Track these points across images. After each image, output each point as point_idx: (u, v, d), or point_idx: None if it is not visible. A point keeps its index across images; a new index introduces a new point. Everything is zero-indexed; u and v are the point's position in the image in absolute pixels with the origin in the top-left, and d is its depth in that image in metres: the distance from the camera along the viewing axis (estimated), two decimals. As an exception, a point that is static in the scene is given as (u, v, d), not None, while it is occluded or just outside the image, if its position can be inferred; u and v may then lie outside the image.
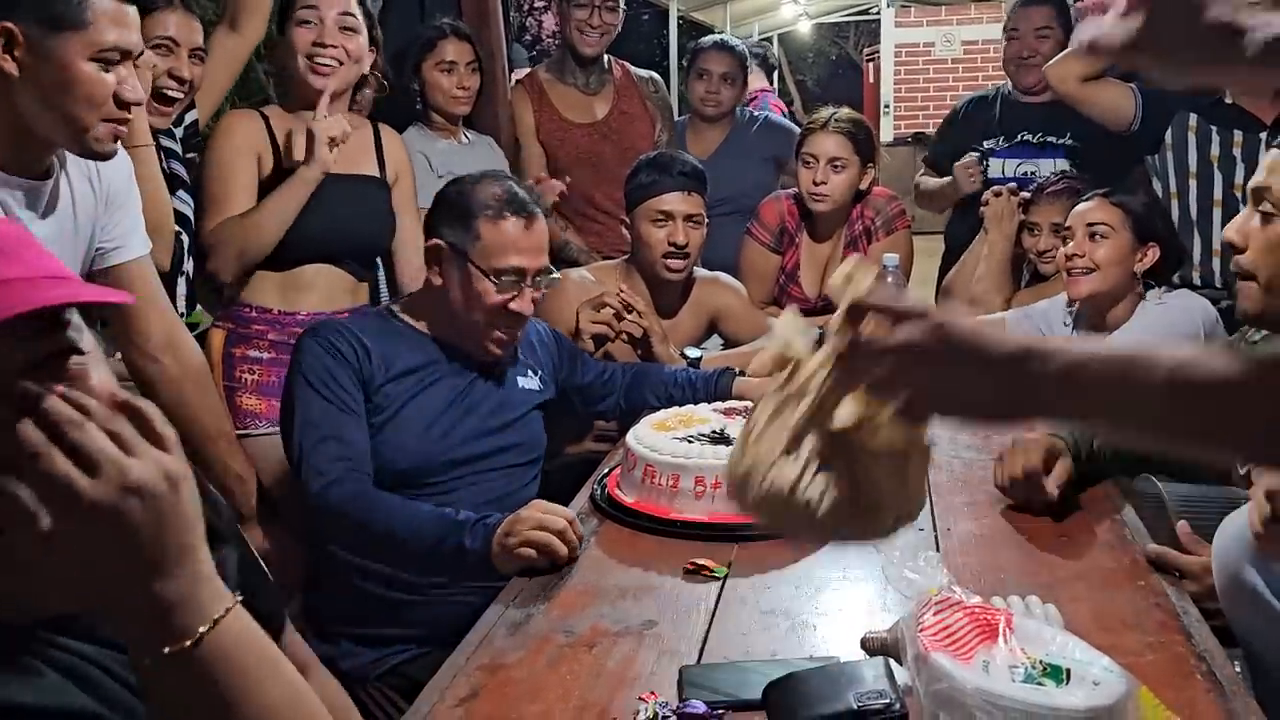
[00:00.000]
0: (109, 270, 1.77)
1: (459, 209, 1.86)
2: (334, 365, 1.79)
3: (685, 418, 1.88)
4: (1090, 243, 2.38)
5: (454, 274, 1.86)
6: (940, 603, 1.14)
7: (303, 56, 2.24)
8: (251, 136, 2.24)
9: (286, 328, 2.25)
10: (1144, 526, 1.66)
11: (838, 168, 2.85)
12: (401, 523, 1.66)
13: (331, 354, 1.79)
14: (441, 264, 1.87)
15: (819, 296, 3.00)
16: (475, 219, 1.83)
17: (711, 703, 1.16)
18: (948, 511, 1.73)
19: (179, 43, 2.03)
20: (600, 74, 3.26)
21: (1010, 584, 1.44)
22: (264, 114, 2.29)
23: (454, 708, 1.20)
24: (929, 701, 1.05)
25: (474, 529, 1.59)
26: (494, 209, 1.84)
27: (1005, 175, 3.20)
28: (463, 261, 1.84)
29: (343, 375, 1.79)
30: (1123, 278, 2.38)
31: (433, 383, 1.87)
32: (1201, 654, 1.25)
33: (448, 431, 1.87)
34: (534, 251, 1.87)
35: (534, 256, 1.87)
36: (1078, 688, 1.05)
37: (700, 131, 3.50)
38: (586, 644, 1.33)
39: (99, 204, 1.69)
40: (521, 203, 1.87)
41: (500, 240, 1.83)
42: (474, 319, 1.86)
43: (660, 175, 2.51)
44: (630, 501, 1.73)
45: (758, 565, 1.54)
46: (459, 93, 2.81)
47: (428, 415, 1.85)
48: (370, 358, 1.82)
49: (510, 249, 1.83)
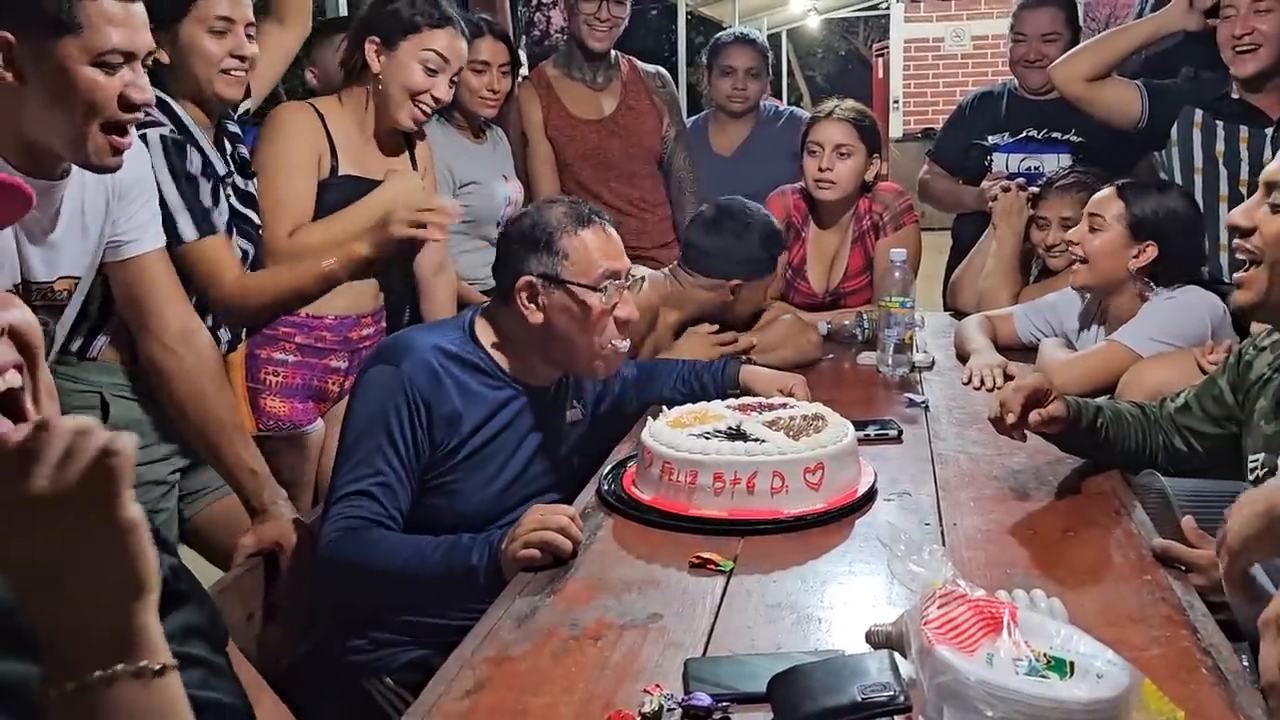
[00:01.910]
0: (124, 263, 1.78)
1: (534, 238, 1.84)
2: (398, 406, 1.74)
3: (701, 414, 1.88)
4: (1089, 233, 2.38)
5: (557, 303, 1.83)
6: (944, 596, 1.14)
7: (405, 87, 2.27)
8: (311, 135, 2.24)
9: (313, 331, 2.27)
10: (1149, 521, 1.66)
11: (843, 155, 2.85)
12: (406, 559, 1.65)
13: (403, 390, 1.75)
14: (536, 299, 1.83)
15: (825, 291, 3.00)
16: (556, 240, 1.83)
17: (716, 695, 1.16)
18: (953, 506, 1.73)
19: (234, 20, 2.01)
20: (607, 69, 3.26)
21: (1015, 578, 1.44)
22: (315, 107, 2.29)
23: (459, 700, 1.20)
24: (933, 694, 1.05)
25: (479, 546, 1.60)
26: (569, 224, 1.84)
27: (1009, 170, 3.19)
28: (559, 285, 1.83)
29: (407, 416, 1.75)
30: (1114, 273, 2.37)
31: (504, 427, 1.86)
32: (1207, 648, 1.25)
33: (515, 477, 1.87)
34: (618, 255, 1.89)
35: (620, 259, 1.88)
36: (1081, 681, 1.05)
37: (724, 126, 3.50)
38: (592, 637, 1.33)
39: (110, 198, 1.70)
40: (589, 213, 1.88)
41: (587, 251, 1.83)
42: (588, 340, 1.85)
43: None
44: (648, 499, 1.74)
45: (763, 559, 1.55)
46: (488, 95, 2.79)
47: (499, 461, 1.85)
48: (444, 397, 1.78)
49: (600, 256, 1.84)
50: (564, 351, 1.88)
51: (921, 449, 2.02)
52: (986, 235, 3.06)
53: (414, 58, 2.26)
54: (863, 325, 2.85)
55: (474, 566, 1.59)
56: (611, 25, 3.15)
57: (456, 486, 1.81)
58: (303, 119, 2.26)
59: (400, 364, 1.77)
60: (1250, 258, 1.61)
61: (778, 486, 1.67)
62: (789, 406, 1.92)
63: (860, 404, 2.29)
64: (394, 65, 2.26)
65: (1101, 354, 2.32)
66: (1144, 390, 2.09)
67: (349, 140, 2.29)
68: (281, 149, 2.22)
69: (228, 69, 2.01)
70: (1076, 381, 2.32)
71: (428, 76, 2.27)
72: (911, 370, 2.54)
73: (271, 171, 2.20)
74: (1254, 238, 1.57)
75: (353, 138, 2.30)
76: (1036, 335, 2.66)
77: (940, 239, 3.72)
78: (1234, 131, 2.62)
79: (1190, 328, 2.25)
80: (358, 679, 1.83)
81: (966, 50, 11.42)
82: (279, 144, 2.22)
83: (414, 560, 1.64)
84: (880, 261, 2.88)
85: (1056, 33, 3.18)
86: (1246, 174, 2.58)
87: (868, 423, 2.07)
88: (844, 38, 18.57)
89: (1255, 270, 1.58)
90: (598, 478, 1.89)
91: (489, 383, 1.85)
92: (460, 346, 1.85)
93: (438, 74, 2.28)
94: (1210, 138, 2.65)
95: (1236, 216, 1.61)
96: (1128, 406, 1.90)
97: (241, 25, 2.03)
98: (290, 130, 2.24)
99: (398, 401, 1.74)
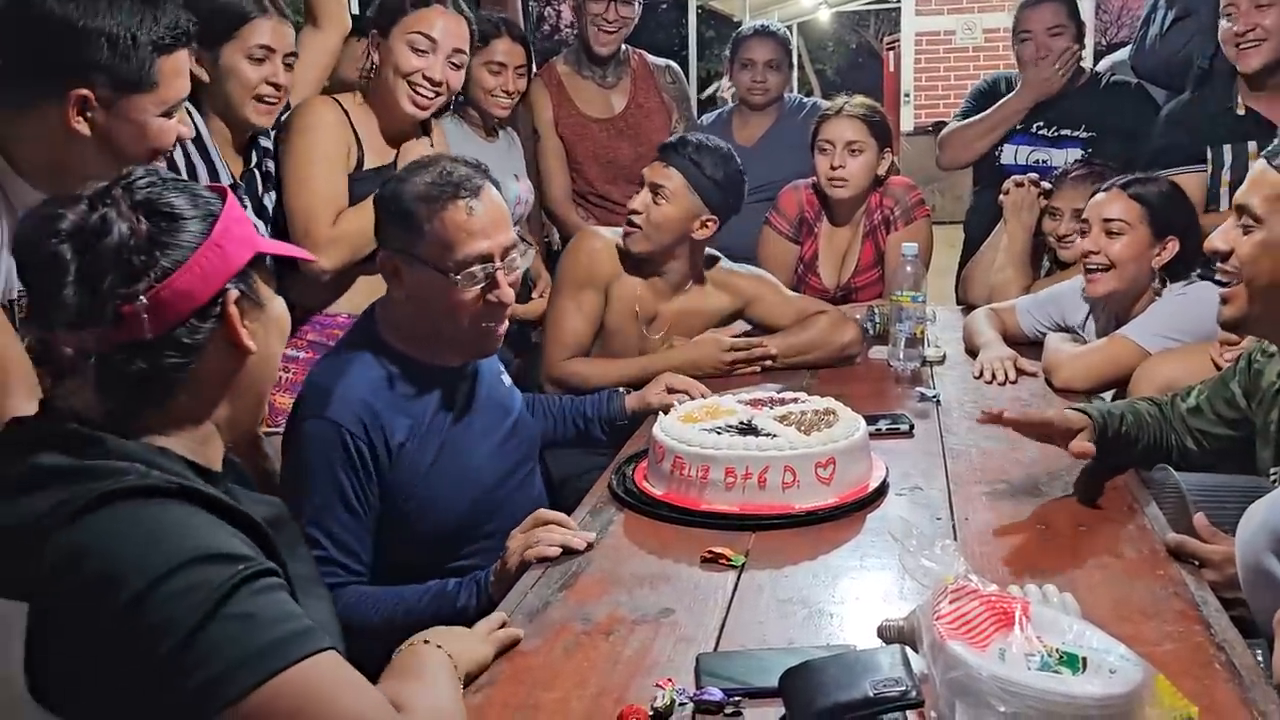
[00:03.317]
0: None
1: (397, 209, 1.68)
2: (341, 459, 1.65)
3: (712, 409, 1.88)
4: (1106, 239, 2.36)
5: (415, 282, 1.68)
6: (956, 591, 1.14)
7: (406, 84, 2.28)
8: (339, 128, 2.25)
9: (326, 329, 2.28)
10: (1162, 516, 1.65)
11: (855, 152, 2.84)
12: (390, 613, 1.61)
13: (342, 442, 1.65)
14: (399, 275, 1.70)
15: (836, 286, 3.00)
16: (416, 213, 1.65)
17: (728, 690, 1.17)
18: (965, 501, 1.73)
19: (274, 49, 2.07)
20: (617, 67, 3.26)
21: (1027, 573, 1.43)
22: (339, 102, 2.29)
23: (472, 695, 1.20)
24: (945, 689, 1.05)
25: (466, 588, 1.60)
26: (433, 197, 1.65)
27: (1018, 162, 3.18)
28: (417, 263, 1.66)
29: (354, 461, 1.65)
30: (1141, 273, 2.36)
31: (454, 414, 1.79)
32: (1221, 644, 1.25)
33: (489, 451, 1.84)
34: (492, 229, 1.67)
35: (494, 234, 1.67)
36: (1094, 676, 1.04)
37: (746, 119, 3.49)
38: (604, 631, 1.33)
39: None
40: (460, 181, 1.66)
41: (450, 231, 1.65)
42: (456, 323, 1.70)
43: None
44: (659, 494, 1.74)
45: (775, 554, 1.55)
46: (501, 95, 2.78)
47: (469, 446, 1.79)
48: (385, 431, 1.68)
49: (464, 237, 1.65)
50: (432, 332, 1.73)
51: (933, 443, 2.02)
52: (998, 230, 3.05)
53: (402, 40, 2.26)
54: (874, 320, 2.84)
55: (464, 609, 1.56)
56: (619, 27, 3.15)
57: (429, 492, 1.75)
58: (330, 113, 2.27)
59: (335, 416, 1.65)
60: (1229, 278, 1.66)
61: (789, 481, 1.67)
62: (800, 401, 1.92)
63: (871, 398, 2.29)
64: (386, 52, 2.28)
65: (1108, 349, 2.31)
66: (1155, 386, 2.08)
67: (372, 133, 2.31)
68: (313, 142, 2.22)
69: (261, 95, 2.07)
70: (1082, 376, 2.31)
71: (418, 57, 2.26)
72: (923, 364, 2.53)
73: (305, 165, 2.20)
74: (1231, 260, 1.63)
75: (374, 129, 2.32)
76: (1039, 329, 2.65)
77: (953, 233, 3.71)
78: (1241, 151, 2.58)
79: (1197, 324, 2.24)
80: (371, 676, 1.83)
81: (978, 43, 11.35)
82: (310, 138, 2.22)
83: (399, 614, 1.60)
84: (891, 256, 2.87)
85: (1061, 25, 3.15)
86: None
87: (879, 417, 2.07)
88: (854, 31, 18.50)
89: (1237, 287, 1.63)
90: (609, 473, 1.89)
91: (416, 384, 1.74)
92: (376, 365, 1.72)
93: (427, 54, 2.26)
94: (1219, 168, 2.62)
95: (1215, 240, 1.65)
96: (1145, 405, 1.88)
97: (280, 55, 2.08)
98: (320, 124, 2.24)
99: (341, 459, 1.64)
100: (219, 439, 1.13)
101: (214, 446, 1.12)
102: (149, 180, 1.07)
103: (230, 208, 1.10)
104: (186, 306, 1.04)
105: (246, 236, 1.10)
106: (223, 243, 1.06)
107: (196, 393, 1.08)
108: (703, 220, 2.45)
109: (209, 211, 1.07)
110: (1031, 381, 2.40)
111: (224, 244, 1.06)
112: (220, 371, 1.09)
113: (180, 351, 1.05)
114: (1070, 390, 2.31)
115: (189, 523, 0.97)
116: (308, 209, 2.19)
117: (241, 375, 1.11)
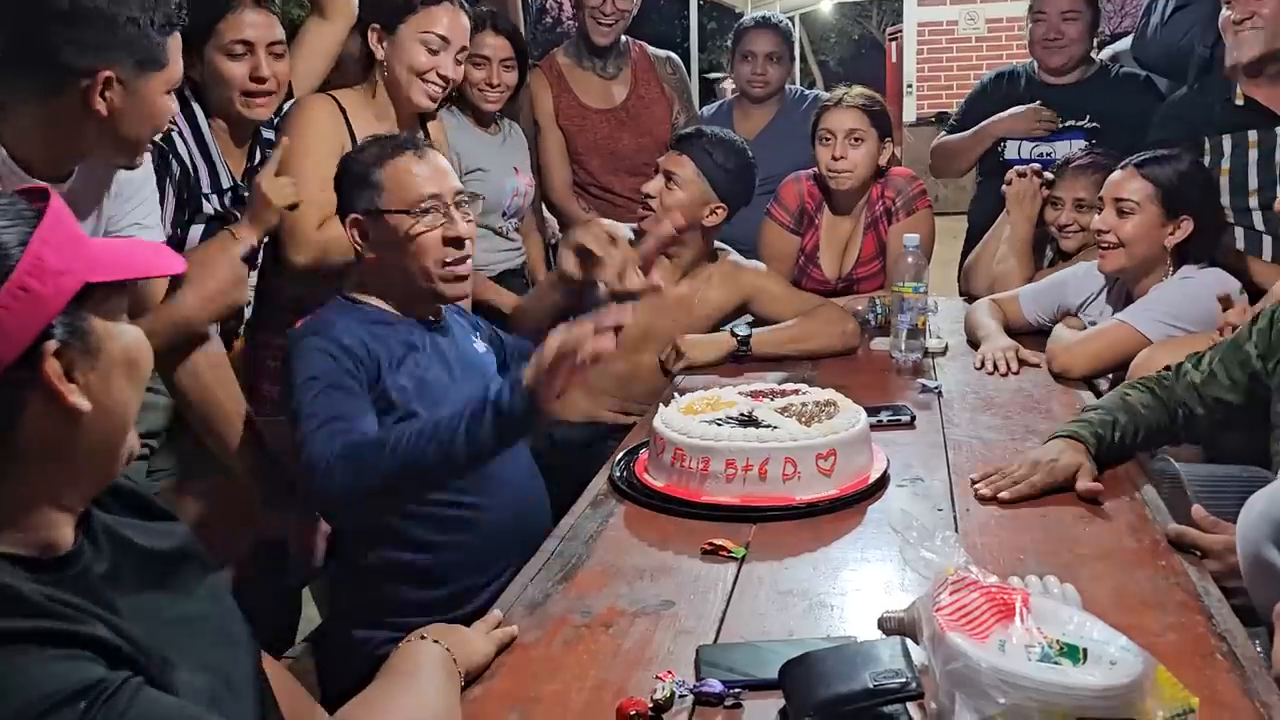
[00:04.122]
0: None
1: (354, 176, 1.84)
2: (333, 358, 1.72)
3: (713, 401, 1.88)
4: (1117, 218, 2.36)
5: (381, 235, 1.82)
6: (957, 582, 1.14)
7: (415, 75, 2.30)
8: (332, 128, 2.24)
9: None
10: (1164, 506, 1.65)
11: (856, 141, 2.83)
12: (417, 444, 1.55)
13: (329, 349, 1.72)
14: (366, 236, 1.83)
15: (838, 277, 2.99)
16: (371, 173, 1.82)
17: (728, 682, 1.17)
18: (966, 492, 1.72)
19: (253, 42, 2.05)
20: (618, 58, 3.25)
21: (1028, 564, 1.43)
22: (336, 99, 2.28)
23: (472, 687, 1.21)
24: (945, 681, 1.05)
25: (500, 393, 1.52)
26: (382, 155, 1.83)
27: (1021, 157, 3.18)
28: (380, 216, 1.81)
29: (344, 365, 1.72)
30: (1151, 252, 2.36)
31: (427, 357, 1.84)
32: (1222, 634, 1.25)
33: (458, 401, 1.86)
34: (439, 176, 1.85)
35: (441, 180, 1.84)
36: (1094, 667, 1.04)
37: (748, 111, 3.48)
38: (604, 624, 1.33)
39: (105, 197, 1.72)
40: (404, 141, 1.87)
41: (401, 177, 1.81)
42: (423, 265, 1.81)
43: None
44: (660, 485, 1.74)
45: (775, 545, 1.55)
46: (487, 88, 2.77)
47: (438, 390, 1.82)
48: (369, 351, 1.76)
49: (415, 180, 1.81)
50: (404, 281, 1.84)
51: (934, 434, 2.02)
52: (1000, 220, 3.04)
53: (414, 39, 2.28)
54: (875, 311, 2.84)
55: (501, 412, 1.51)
56: (616, 19, 3.14)
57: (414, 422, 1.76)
58: (324, 111, 2.26)
59: (324, 332, 1.76)
60: None
61: (790, 473, 1.67)
62: (801, 393, 1.92)
63: (873, 389, 2.28)
64: (396, 49, 2.29)
65: (1108, 334, 2.31)
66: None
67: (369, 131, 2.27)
68: (304, 143, 2.20)
69: (249, 91, 2.05)
70: (1080, 362, 2.31)
71: (430, 55, 2.29)
72: (924, 355, 2.53)
73: (296, 165, 2.19)
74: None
75: (372, 127, 2.29)
76: (1042, 317, 2.65)
77: (955, 224, 3.70)
78: (1241, 140, 2.56)
79: (1199, 310, 2.23)
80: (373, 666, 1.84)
81: (981, 33, 11.32)
82: (301, 138, 2.21)
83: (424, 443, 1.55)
84: (893, 247, 2.86)
85: (1076, 11, 3.15)
86: (1258, 178, 2.54)
87: (880, 408, 2.06)
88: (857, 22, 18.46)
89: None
90: (609, 465, 1.89)
91: (389, 327, 1.83)
92: (351, 310, 1.83)
93: (439, 52, 2.29)
94: (1217, 158, 2.61)
95: None
96: (1138, 395, 1.86)
97: (263, 47, 2.05)
98: (312, 123, 2.24)
99: (341, 360, 1.72)
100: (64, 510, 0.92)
101: (56, 522, 0.91)
102: None
103: (46, 228, 0.86)
104: None
105: (71, 264, 0.87)
106: (31, 282, 0.84)
107: (19, 470, 0.87)
108: (712, 207, 2.54)
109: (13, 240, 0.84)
110: (1034, 372, 2.40)
111: (34, 283, 0.84)
112: (47, 439, 0.88)
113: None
114: (1068, 375, 2.31)
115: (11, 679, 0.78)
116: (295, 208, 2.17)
117: (78, 437, 0.89)
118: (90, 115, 1.47)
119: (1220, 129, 2.59)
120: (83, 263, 0.88)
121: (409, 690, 1.10)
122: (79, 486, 0.93)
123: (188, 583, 1.03)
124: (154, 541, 1.01)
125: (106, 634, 0.84)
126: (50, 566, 0.88)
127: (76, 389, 0.87)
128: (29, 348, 0.84)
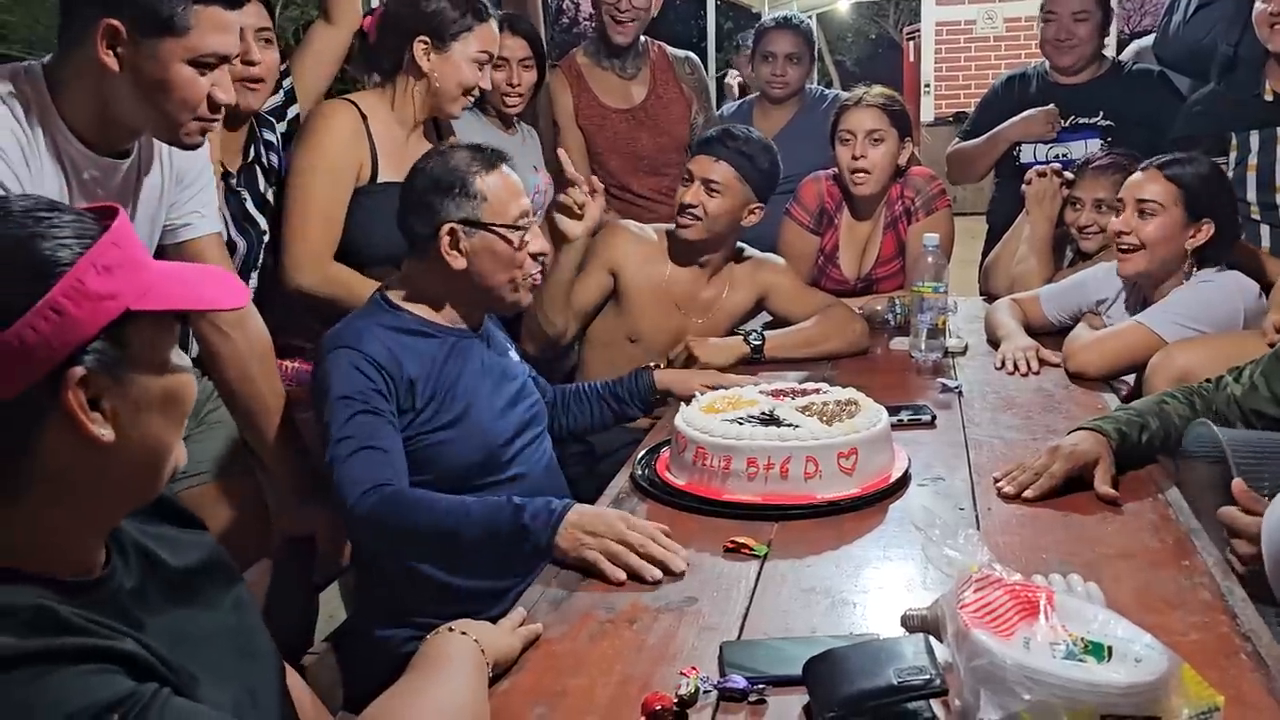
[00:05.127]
0: (179, 245, 1.81)
1: (447, 183, 1.84)
2: (366, 378, 1.75)
3: (734, 400, 1.89)
4: (1139, 220, 2.35)
5: (479, 245, 1.84)
6: (981, 580, 1.14)
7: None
8: (352, 140, 2.22)
9: None
10: (1187, 503, 1.64)
11: (876, 141, 2.83)
12: (447, 515, 1.62)
13: (363, 367, 1.75)
14: (460, 244, 1.84)
15: (857, 277, 2.99)
16: (471, 184, 1.84)
17: (752, 678, 1.17)
18: (988, 490, 1.72)
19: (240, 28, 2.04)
20: (636, 58, 3.25)
21: (1051, 563, 1.43)
22: (356, 104, 2.27)
23: (499, 681, 1.22)
24: (969, 678, 1.05)
25: (535, 513, 1.55)
26: (479, 167, 1.85)
27: (1037, 159, 3.18)
28: (481, 228, 1.84)
29: (377, 385, 1.75)
30: (1172, 254, 2.35)
31: (466, 368, 1.87)
32: (1246, 633, 1.25)
33: (501, 408, 1.90)
34: (523, 193, 1.91)
35: (524, 197, 1.90)
36: (1119, 665, 1.05)
37: (768, 111, 3.49)
38: (628, 619, 1.34)
39: (167, 183, 1.73)
40: (497, 153, 1.90)
41: (502, 191, 1.86)
42: (512, 277, 1.88)
43: None
44: (682, 484, 1.75)
45: (797, 544, 1.55)
46: (508, 89, 2.78)
47: (481, 398, 1.87)
48: (401, 367, 1.79)
49: (510, 196, 1.86)
50: (486, 291, 1.89)
51: (955, 434, 2.02)
52: (1020, 220, 3.04)
53: (466, 56, 2.29)
54: (895, 310, 2.84)
55: (526, 529, 1.54)
56: (633, 17, 3.14)
57: (439, 444, 1.81)
58: (344, 122, 2.24)
59: (354, 344, 1.78)
60: None
61: (811, 472, 1.67)
62: (822, 392, 1.92)
63: (893, 389, 2.28)
64: (448, 64, 2.28)
65: (1125, 335, 2.30)
66: (1171, 374, 2.07)
67: (391, 142, 2.28)
68: (319, 155, 2.20)
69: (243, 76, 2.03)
70: (1096, 362, 2.31)
71: (478, 71, 2.31)
72: (944, 355, 2.53)
73: (308, 175, 2.19)
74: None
75: (394, 135, 2.30)
76: (1062, 318, 2.64)
77: (975, 224, 3.70)
78: (1270, 136, 2.55)
79: (1217, 313, 2.23)
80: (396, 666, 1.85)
81: (999, 32, 11.27)
82: (317, 148, 2.21)
83: (453, 518, 1.61)
84: (913, 247, 2.86)
85: (1087, 11, 3.14)
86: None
87: (901, 408, 2.07)
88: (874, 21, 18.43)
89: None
90: (631, 463, 1.90)
91: (426, 338, 1.86)
92: (388, 317, 1.85)
93: (483, 66, 2.33)
94: (1244, 154, 2.60)
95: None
96: (1175, 405, 1.84)
97: (249, 33, 2.04)
98: (330, 134, 2.22)
99: (373, 379, 1.75)
100: (96, 532, 0.91)
101: (87, 544, 0.90)
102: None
103: (99, 250, 0.84)
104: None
105: (119, 288, 0.84)
106: (66, 304, 0.81)
107: (45, 492, 0.85)
108: (751, 208, 2.58)
109: (56, 260, 0.82)
110: (1054, 372, 2.40)
111: (69, 304, 0.81)
112: (71, 464, 0.85)
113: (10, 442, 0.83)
114: (1083, 376, 2.31)
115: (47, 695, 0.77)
116: (299, 218, 2.18)
117: (107, 465, 0.87)
118: (105, 71, 1.46)
119: (1248, 125, 2.58)
120: (133, 289, 0.85)
121: (440, 681, 1.12)
122: (111, 509, 0.91)
123: (213, 596, 1.04)
124: (181, 556, 1.01)
125: (136, 649, 0.84)
126: (81, 589, 0.87)
127: (101, 419, 0.85)
128: (54, 370, 0.81)
